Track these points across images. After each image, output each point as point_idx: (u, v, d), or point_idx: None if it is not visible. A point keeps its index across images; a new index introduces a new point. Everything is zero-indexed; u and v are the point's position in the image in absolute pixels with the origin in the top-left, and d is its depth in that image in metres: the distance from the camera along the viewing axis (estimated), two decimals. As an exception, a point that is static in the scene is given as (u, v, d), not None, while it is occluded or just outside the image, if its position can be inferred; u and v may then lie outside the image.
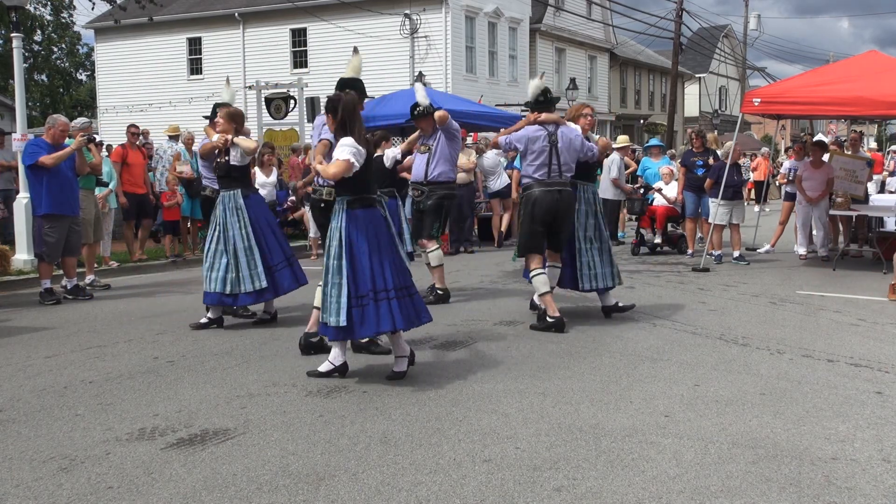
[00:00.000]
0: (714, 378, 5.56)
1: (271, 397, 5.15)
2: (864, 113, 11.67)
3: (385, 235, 5.49)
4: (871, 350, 6.38)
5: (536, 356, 6.21)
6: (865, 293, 9.12)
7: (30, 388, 5.47)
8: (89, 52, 46.38)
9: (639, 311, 7.99)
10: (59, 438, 4.43)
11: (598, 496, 3.63)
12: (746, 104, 11.50)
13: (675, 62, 31.23)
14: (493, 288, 9.74)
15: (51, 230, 8.83)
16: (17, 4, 11.52)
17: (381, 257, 5.40)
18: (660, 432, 4.44)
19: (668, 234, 13.35)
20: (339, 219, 5.44)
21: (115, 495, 3.67)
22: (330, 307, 5.38)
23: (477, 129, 16.58)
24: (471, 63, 29.23)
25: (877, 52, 12.26)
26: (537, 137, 7.10)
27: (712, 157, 12.54)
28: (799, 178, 12.17)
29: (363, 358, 6.14)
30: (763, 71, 44.11)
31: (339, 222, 5.44)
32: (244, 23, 30.68)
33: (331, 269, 5.42)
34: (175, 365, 6.05)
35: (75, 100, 50.11)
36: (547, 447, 4.21)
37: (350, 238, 5.39)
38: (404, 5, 27.62)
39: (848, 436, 4.39)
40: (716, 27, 48.06)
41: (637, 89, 43.23)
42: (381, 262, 5.39)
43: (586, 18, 35.09)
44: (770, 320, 7.63)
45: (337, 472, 3.92)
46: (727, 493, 3.65)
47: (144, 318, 7.96)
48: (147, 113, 27.95)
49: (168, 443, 4.33)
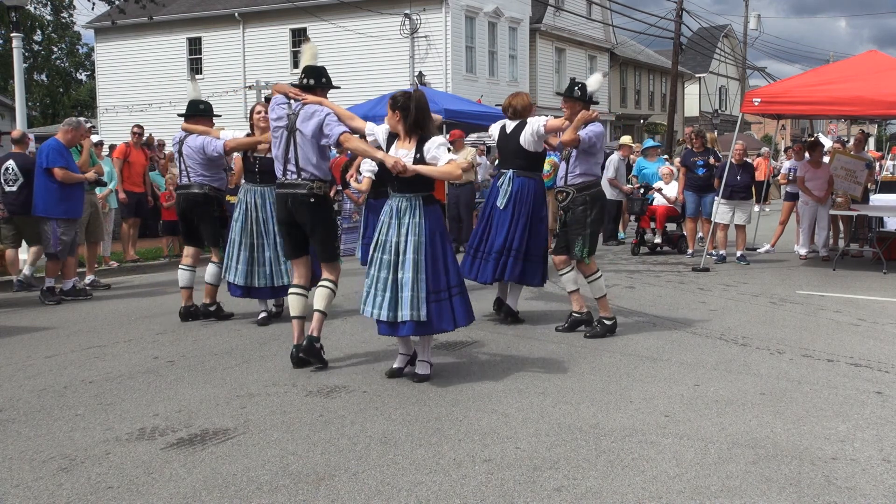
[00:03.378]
0: (714, 378, 5.56)
1: (271, 397, 5.15)
2: (864, 113, 11.66)
3: (447, 232, 5.61)
4: (871, 350, 6.38)
5: (536, 356, 6.21)
6: (865, 293, 9.12)
7: (30, 388, 5.47)
8: (89, 52, 46.40)
9: (639, 311, 7.99)
10: (59, 438, 4.43)
11: (598, 496, 3.63)
12: (746, 104, 11.50)
13: (675, 62, 31.22)
14: (493, 288, 9.73)
15: (67, 231, 9.04)
16: (17, 4, 11.53)
17: (451, 253, 5.52)
18: (660, 432, 4.44)
19: (668, 234, 13.35)
20: (416, 215, 5.37)
21: (115, 495, 3.67)
22: (405, 302, 5.30)
23: (477, 130, 16.60)
24: (471, 63, 29.23)
25: (877, 52, 12.25)
26: (603, 135, 6.98)
27: (713, 157, 12.54)
28: (801, 179, 12.16)
29: (363, 358, 6.14)
30: (763, 71, 44.16)
31: (417, 218, 5.36)
32: (244, 23, 30.69)
33: (406, 263, 5.32)
34: (175, 365, 6.05)
35: (75, 100, 50.15)
36: (547, 447, 4.21)
37: (432, 233, 5.38)
38: (404, 5, 27.61)
39: (848, 436, 4.39)
40: (716, 27, 48.08)
41: (637, 89, 43.22)
42: (453, 258, 5.52)
43: (586, 18, 35.09)
44: (770, 320, 7.63)
45: (337, 472, 3.92)
46: (727, 493, 3.65)
47: (144, 318, 7.96)
48: (147, 113, 27.94)
49: (168, 443, 4.33)
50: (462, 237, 14.18)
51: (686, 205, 12.84)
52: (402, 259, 5.35)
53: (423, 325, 5.36)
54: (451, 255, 5.51)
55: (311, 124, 5.75)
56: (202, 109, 7.70)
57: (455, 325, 5.49)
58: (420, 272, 5.32)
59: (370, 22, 27.65)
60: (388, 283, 5.36)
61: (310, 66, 5.98)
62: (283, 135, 5.87)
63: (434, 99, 14.80)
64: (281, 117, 5.89)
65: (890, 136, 34.72)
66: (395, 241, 5.38)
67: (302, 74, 5.95)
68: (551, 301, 8.21)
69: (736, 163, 11.81)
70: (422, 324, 5.34)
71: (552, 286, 8.76)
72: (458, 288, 5.50)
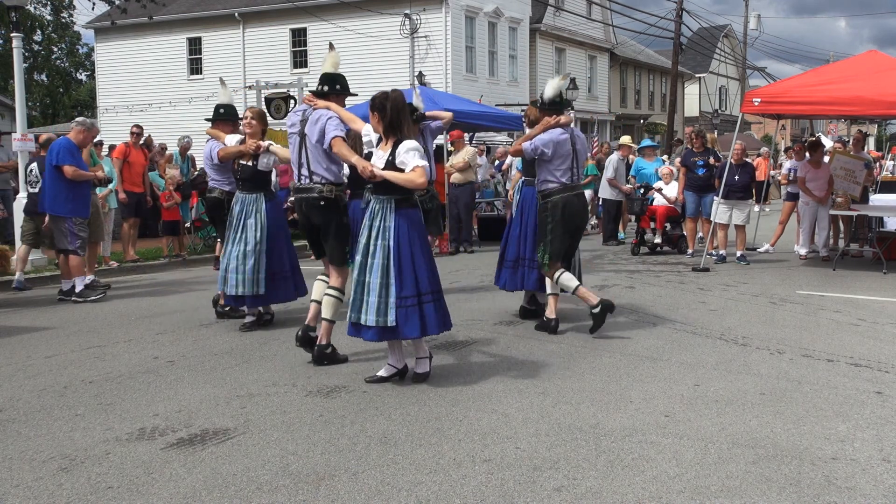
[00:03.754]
0: (714, 378, 5.56)
1: (271, 397, 5.16)
2: (863, 113, 11.66)
3: (425, 237, 5.49)
4: (871, 350, 6.38)
5: (536, 356, 6.21)
6: (865, 293, 9.12)
7: (30, 388, 5.48)
8: (89, 52, 46.39)
9: (639, 311, 7.99)
10: (59, 438, 4.43)
11: (598, 496, 3.63)
12: (746, 104, 11.50)
13: (675, 62, 31.22)
14: (492, 288, 9.73)
15: (81, 226, 9.20)
16: (17, 4, 11.52)
17: (426, 259, 5.38)
18: (660, 432, 4.44)
19: (668, 234, 13.36)
20: (388, 218, 5.30)
21: (115, 495, 3.67)
22: (370, 307, 5.25)
23: (477, 129, 16.61)
24: (471, 63, 29.23)
25: (877, 52, 12.25)
26: (563, 141, 6.95)
27: (712, 157, 12.55)
28: (802, 180, 12.16)
29: (363, 358, 6.14)
30: (763, 71, 44.17)
31: (388, 222, 5.29)
32: (244, 23, 30.68)
33: (374, 267, 5.27)
34: (175, 365, 6.05)
35: (75, 100, 50.14)
36: (547, 447, 4.21)
37: (403, 237, 5.29)
38: (404, 5, 27.61)
39: (848, 436, 4.39)
40: (716, 27, 48.08)
41: (637, 89, 43.23)
42: (428, 263, 5.39)
43: (586, 18, 35.08)
44: (770, 320, 7.63)
45: (337, 472, 3.92)
46: (727, 493, 3.65)
47: (144, 318, 7.97)
48: (147, 113, 27.96)
49: (168, 443, 4.33)
50: (462, 237, 14.19)
51: (686, 205, 12.84)
52: (370, 262, 5.32)
53: (389, 331, 5.29)
54: (425, 260, 5.37)
55: (316, 129, 5.91)
56: (222, 113, 7.80)
57: (424, 333, 5.37)
58: (388, 277, 5.25)
59: (370, 22, 27.64)
60: (356, 284, 5.36)
61: (326, 73, 6.16)
62: (296, 140, 6.12)
63: (434, 99, 14.80)
64: (294, 123, 6.16)
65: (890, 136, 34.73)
66: (364, 244, 5.37)
67: (319, 81, 6.12)
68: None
69: (735, 163, 11.81)
70: (388, 329, 5.28)
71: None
72: (431, 295, 5.36)
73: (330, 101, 6.02)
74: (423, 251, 5.38)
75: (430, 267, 5.41)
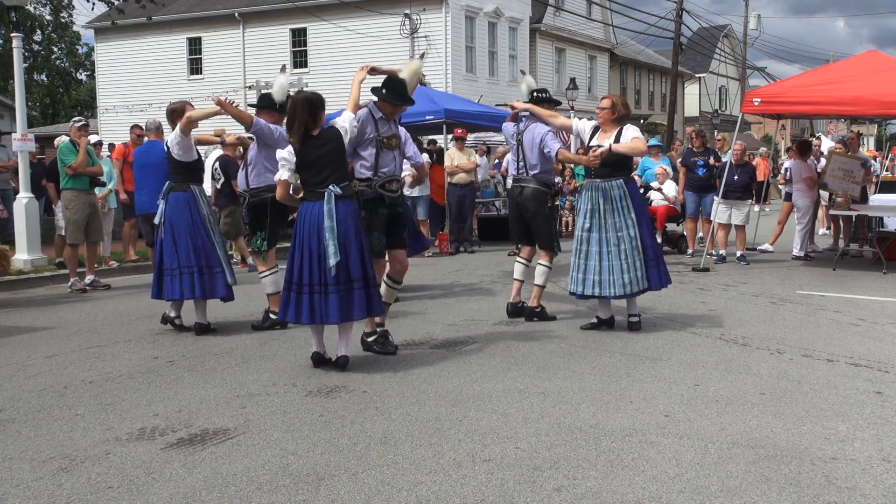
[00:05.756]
0: (714, 378, 5.56)
1: (271, 397, 5.15)
2: (863, 113, 11.68)
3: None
4: (871, 350, 6.38)
5: (536, 356, 6.21)
6: (865, 293, 9.12)
7: (30, 388, 5.48)
8: (89, 52, 46.40)
9: (639, 311, 7.98)
10: (59, 438, 4.43)
11: (598, 496, 3.63)
12: (746, 104, 11.50)
13: (675, 62, 31.23)
14: (492, 288, 9.74)
15: None
16: (17, 4, 11.52)
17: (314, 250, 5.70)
18: (660, 432, 4.43)
19: (668, 234, 13.35)
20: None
21: (115, 495, 3.67)
22: None
23: (476, 130, 16.61)
24: (471, 63, 29.23)
25: (876, 52, 12.26)
26: (507, 132, 7.77)
27: (713, 157, 12.55)
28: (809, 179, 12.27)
29: (363, 358, 6.14)
30: (763, 71, 44.16)
31: None
32: (244, 23, 30.69)
33: None
34: (175, 365, 6.05)
35: (75, 100, 50.15)
36: (547, 447, 4.21)
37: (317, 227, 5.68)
38: (404, 5, 27.62)
39: (848, 436, 4.39)
40: (716, 27, 48.07)
41: (637, 89, 43.22)
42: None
43: (586, 18, 35.09)
44: (770, 320, 7.63)
45: (337, 472, 3.92)
46: (727, 493, 3.64)
47: (144, 318, 7.97)
48: (147, 113, 27.86)
49: (168, 443, 4.33)
50: (462, 237, 14.19)
51: (686, 205, 12.84)
52: None
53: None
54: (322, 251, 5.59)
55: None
56: (257, 103, 7.64)
57: (311, 321, 5.68)
58: None
59: (370, 22, 27.65)
60: None
61: (389, 78, 6.37)
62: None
63: (434, 99, 14.82)
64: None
65: (890, 136, 34.72)
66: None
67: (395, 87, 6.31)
68: (551, 301, 8.21)
69: (735, 162, 11.82)
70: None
71: (552, 286, 8.76)
72: (350, 285, 5.62)
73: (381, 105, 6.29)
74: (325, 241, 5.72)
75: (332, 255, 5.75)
